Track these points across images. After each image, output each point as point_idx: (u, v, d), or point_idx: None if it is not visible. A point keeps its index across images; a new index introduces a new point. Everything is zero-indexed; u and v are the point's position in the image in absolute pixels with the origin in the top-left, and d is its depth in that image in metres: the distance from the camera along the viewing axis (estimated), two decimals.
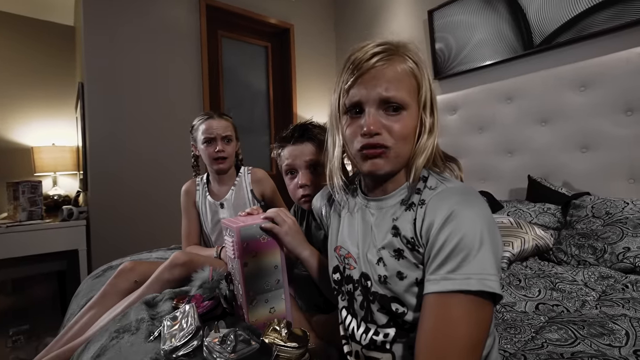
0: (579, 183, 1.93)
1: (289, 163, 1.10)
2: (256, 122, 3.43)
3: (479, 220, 0.56)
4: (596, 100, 1.86)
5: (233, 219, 0.98)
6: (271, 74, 3.44)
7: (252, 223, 0.90)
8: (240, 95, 3.24)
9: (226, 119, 1.60)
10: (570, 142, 1.95)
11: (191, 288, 1.10)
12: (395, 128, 0.65)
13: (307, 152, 1.09)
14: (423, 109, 0.68)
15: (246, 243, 0.90)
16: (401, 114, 0.65)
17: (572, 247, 1.52)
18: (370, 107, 0.66)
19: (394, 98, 0.64)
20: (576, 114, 1.93)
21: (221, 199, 1.62)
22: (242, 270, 0.90)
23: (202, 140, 1.55)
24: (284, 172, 1.14)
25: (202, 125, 1.56)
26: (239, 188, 1.63)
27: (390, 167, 0.67)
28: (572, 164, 1.95)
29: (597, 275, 1.33)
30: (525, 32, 2.17)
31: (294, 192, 1.12)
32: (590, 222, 1.57)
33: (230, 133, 1.59)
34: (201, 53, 2.86)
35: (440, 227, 0.57)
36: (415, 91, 0.67)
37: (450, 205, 0.58)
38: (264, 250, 0.92)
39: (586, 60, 1.89)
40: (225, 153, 1.56)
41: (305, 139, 1.10)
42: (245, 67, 3.30)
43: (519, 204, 1.93)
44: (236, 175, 1.66)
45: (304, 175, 1.09)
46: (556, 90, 1.99)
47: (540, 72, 2.06)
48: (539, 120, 2.09)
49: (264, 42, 3.40)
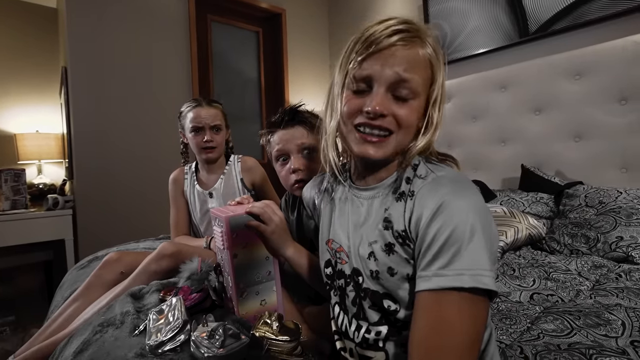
0: (571, 172, 1.94)
1: (280, 148, 1.07)
2: (247, 110, 3.36)
3: (471, 211, 0.53)
4: (591, 89, 1.85)
5: (222, 209, 0.95)
6: (262, 60, 3.38)
7: (241, 213, 0.86)
8: (230, 81, 3.18)
9: (215, 107, 1.56)
10: (564, 131, 1.96)
11: (179, 280, 1.08)
12: (402, 114, 0.62)
13: (298, 136, 1.06)
14: (433, 104, 0.64)
15: (235, 233, 0.88)
16: (409, 103, 0.62)
17: (565, 237, 1.53)
18: (380, 86, 0.62)
19: (409, 82, 0.61)
20: (570, 103, 1.92)
21: (210, 188, 1.59)
22: (232, 262, 0.88)
23: (190, 128, 1.52)
24: (275, 158, 1.11)
25: (190, 113, 1.52)
26: (229, 177, 1.60)
27: (384, 154, 0.64)
28: (565, 153, 1.96)
29: (591, 265, 1.34)
30: (521, 19, 2.14)
31: (286, 179, 1.08)
32: (583, 211, 1.59)
33: (219, 122, 1.54)
34: (190, 37, 2.79)
35: (430, 220, 0.55)
36: (428, 82, 0.63)
37: (439, 196, 0.55)
38: (255, 240, 0.89)
39: (582, 48, 1.88)
40: (213, 143, 1.52)
41: (296, 123, 1.07)
42: (236, 53, 3.23)
43: (512, 193, 1.94)
44: (226, 164, 1.63)
45: (296, 159, 1.06)
46: (551, 78, 1.98)
47: (536, 60, 2.05)
48: (532, 109, 2.08)
49: (255, 27, 3.34)
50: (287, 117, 1.07)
